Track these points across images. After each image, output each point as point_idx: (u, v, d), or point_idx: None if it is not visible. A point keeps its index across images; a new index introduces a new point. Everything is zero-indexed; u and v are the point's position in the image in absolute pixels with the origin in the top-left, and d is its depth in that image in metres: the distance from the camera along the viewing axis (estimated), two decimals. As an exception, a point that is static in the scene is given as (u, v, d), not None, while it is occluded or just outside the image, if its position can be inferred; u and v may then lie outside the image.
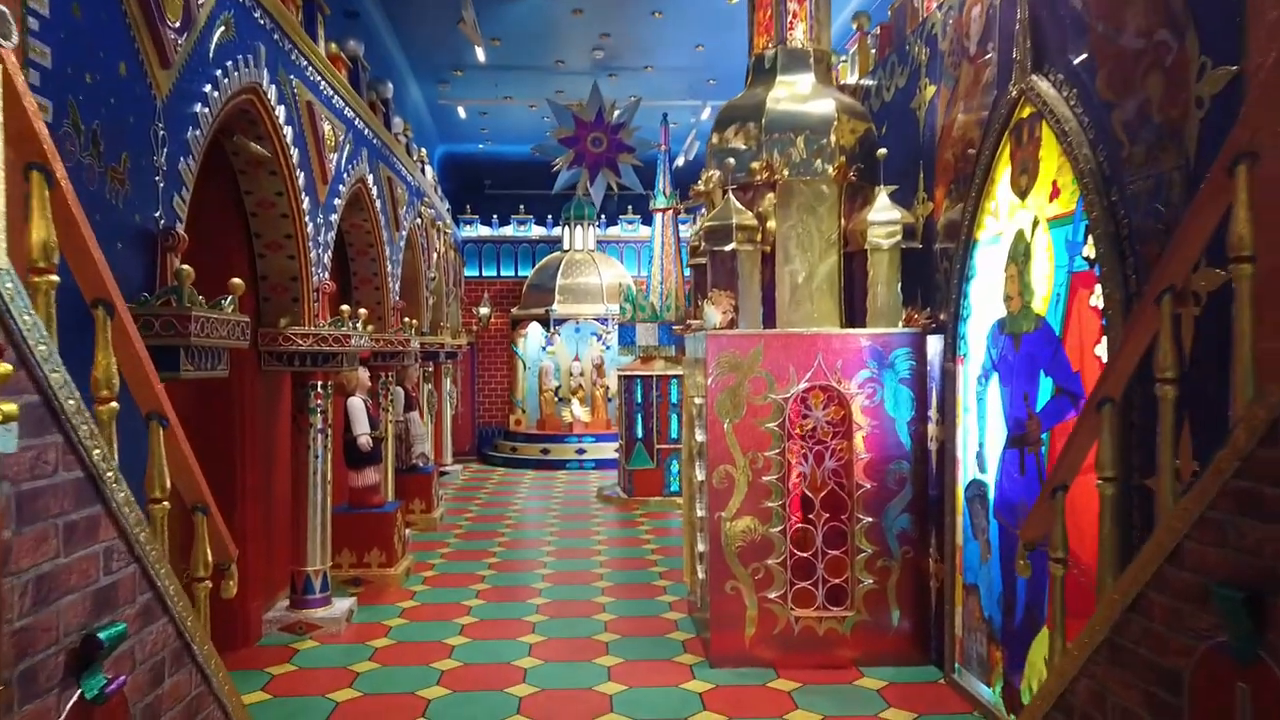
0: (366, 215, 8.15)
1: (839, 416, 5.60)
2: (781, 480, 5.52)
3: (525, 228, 17.13)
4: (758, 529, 5.52)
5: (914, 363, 5.55)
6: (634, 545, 9.10)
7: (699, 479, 5.86)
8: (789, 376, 5.54)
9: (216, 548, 2.90)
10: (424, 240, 11.01)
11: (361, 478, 7.65)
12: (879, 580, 5.53)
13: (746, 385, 5.53)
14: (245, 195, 5.86)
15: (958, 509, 5.17)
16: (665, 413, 11.57)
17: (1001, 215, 4.68)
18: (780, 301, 5.75)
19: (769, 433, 5.52)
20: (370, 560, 7.52)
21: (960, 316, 5.15)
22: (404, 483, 9.85)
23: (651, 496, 11.41)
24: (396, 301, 9.02)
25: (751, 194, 5.85)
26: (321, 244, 6.50)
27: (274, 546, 6.56)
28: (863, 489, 5.52)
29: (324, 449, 6.41)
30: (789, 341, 5.54)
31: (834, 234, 5.79)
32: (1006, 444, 4.58)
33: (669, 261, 11.98)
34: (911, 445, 5.54)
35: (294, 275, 6.17)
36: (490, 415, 16.84)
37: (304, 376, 6.35)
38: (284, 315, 6.21)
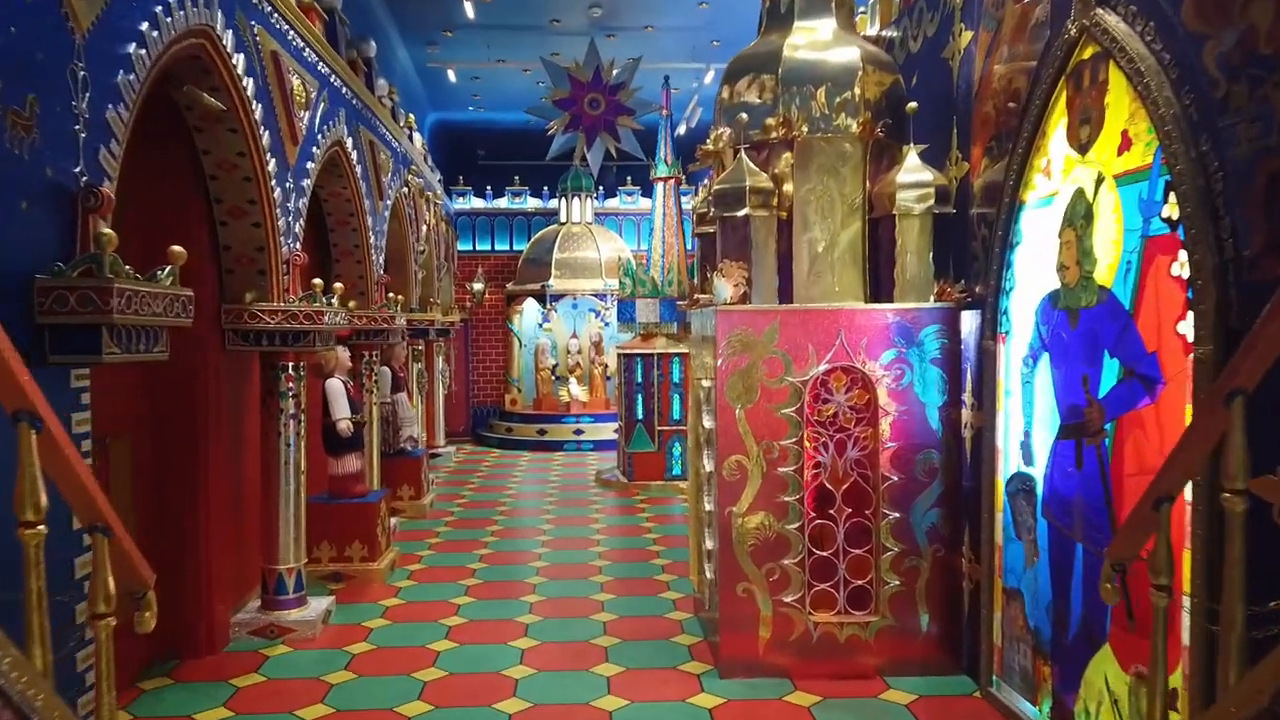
0: (346, 183, 7.55)
1: (863, 401, 5.05)
2: (799, 472, 4.98)
3: (520, 200, 16.51)
4: (773, 526, 4.99)
5: (946, 341, 4.99)
6: (634, 534, 8.58)
7: (707, 469, 5.32)
8: (808, 357, 4.98)
9: (126, 573, 2.35)
10: (411, 211, 10.42)
11: (342, 465, 7.11)
12: (906, 581, 5.00)
13: (760, 367, 4.97)
14: (203, 155, 5.27)
15: (997, 505, 4.63)
16: (667, 393, 11.02)
17: (1055, 173, 4.11)
18: (798, 273, 5.18)
19: (785, 419, 4.98)
20: (351, 554, 7.00)
21: (1002, 289, 4.59)
22: (391, 468, 9.32)
23: (652, 481, 10.89)
24: (380, 276, 8.44)
25: (766, 154, 5.26)
26: (292, 211, 5.92)
27: (244, 543, 6.03)
28: (889, 481, 4.99)
29: (296, 436, 5.86)
30: (807, 318, 4.98)
31: (858, 198, 5.21)
32: (1059, 434, 4.04)
33: (671, 234, 11.39)
34: (943, 433, 5.00)
35: (260, 245, 5.59)
36: (485, 395, 16.30)
37: (273, 357, 5.79)
38: (250, 290, 5.64)
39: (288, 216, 5.83)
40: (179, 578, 5.38)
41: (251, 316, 5.60)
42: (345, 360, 7.17)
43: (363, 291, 8.18)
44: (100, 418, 4.76)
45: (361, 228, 7.94)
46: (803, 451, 4.98)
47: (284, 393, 5.79)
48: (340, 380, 7.09)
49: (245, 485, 6.03)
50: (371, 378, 8.31)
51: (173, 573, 5.37)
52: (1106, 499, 3.68)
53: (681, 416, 10.99)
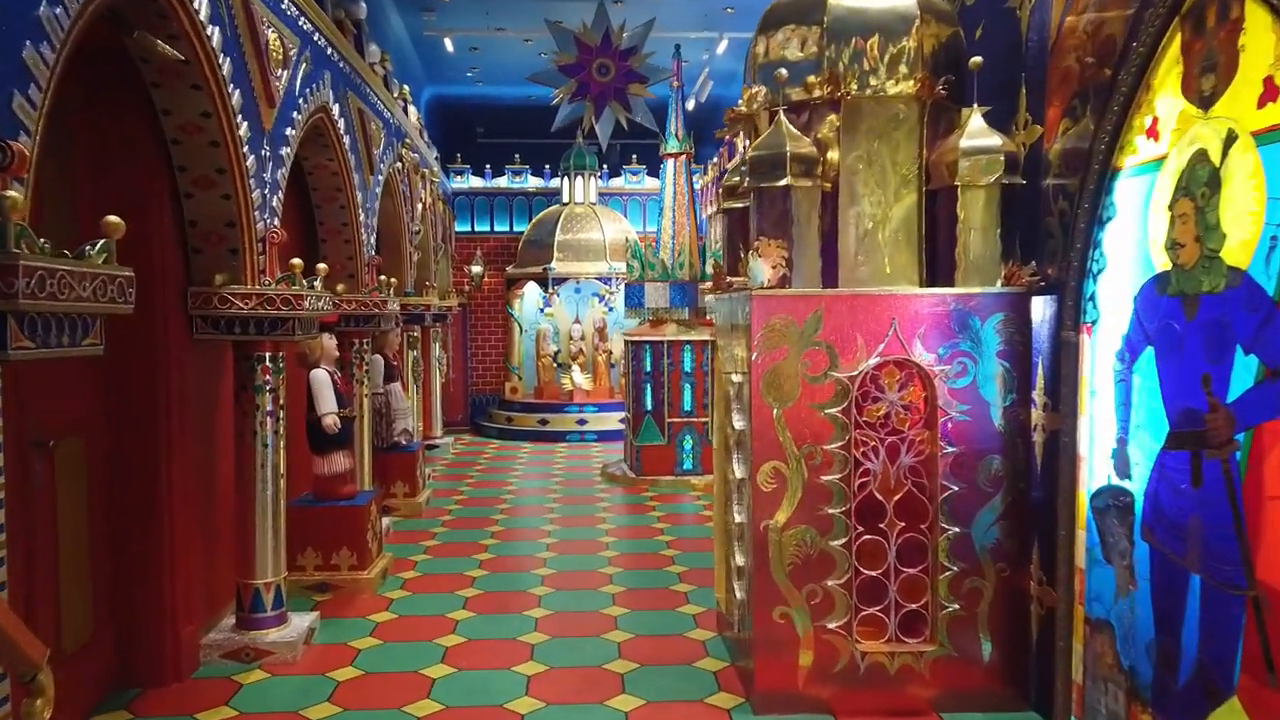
0: (333, 154, 6.88)
1: (918, 399, 4.42)
2: (845, 481, 4.36)
3: (521, 179, 15.81)
4: (815, 542, 4.37)
5: (1015, 331, 4.36)
6: (646, 536, 7.97)
7: (737, 476, 4.69)
8: (855, 349, 4.35)
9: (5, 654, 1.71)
10: (405, 188, 9.74)
11: (328, 464, 6.47)
12: (967, 605, 4.39)
13: (802, 360, 4.34)
14: (162, 116, 4.61)
15: (1079, 521, 4.01)
16: (677, 383, 10.39)
17: (1164, 133, 3.46)
18: (844, 253, 4.54)
19: (830, 420, 4.35)
20: (339, 562, 6.38)
21: (1088, 271, 3.95)
22: (384, 463, 8.69)
23: (662, 476, 10.27)
24: (371, 257, 7.78)
25: (807, 116, 4.61)
26: (269, 183, 5.26)
27: (217, 554, 5.41)
28: (948, 491, 4.36)
29: (275, 435, 5.22)
30: (856, 304, 4.35)
31: (913, 167, 4.56)
32: (1169, 443, 3.40)
33: (681, 214, 10.73)
34: (1010, 436, 4.37)
35: (231, 221, 4.94)
36: (484, 383, 15.66)
37: (248, 347, 5.14)
38: (220, 271, 5.00)
39: (264, 188, 5.17)
40: (139, 595, 4.77)
41: (222, 301, 4.96)
42: (332, 349, 6.53)
43: (352, 274, 7.52)
44: (44, 418, 4.15)
45: (350, 204, 7.28)
46: (849, 457, 4.35)
47: (260, 387, 5.15)
48: (326, 371, 6.45)
49: (218, 491, 5.41)
50: (362, 367, 7.66)
51: (132, 589, 4.77)
52: (1237, 524, 3.06)
53: (693, 408, 10.37)
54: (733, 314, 4.81)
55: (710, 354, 10.33)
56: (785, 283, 4.40)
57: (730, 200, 5.27)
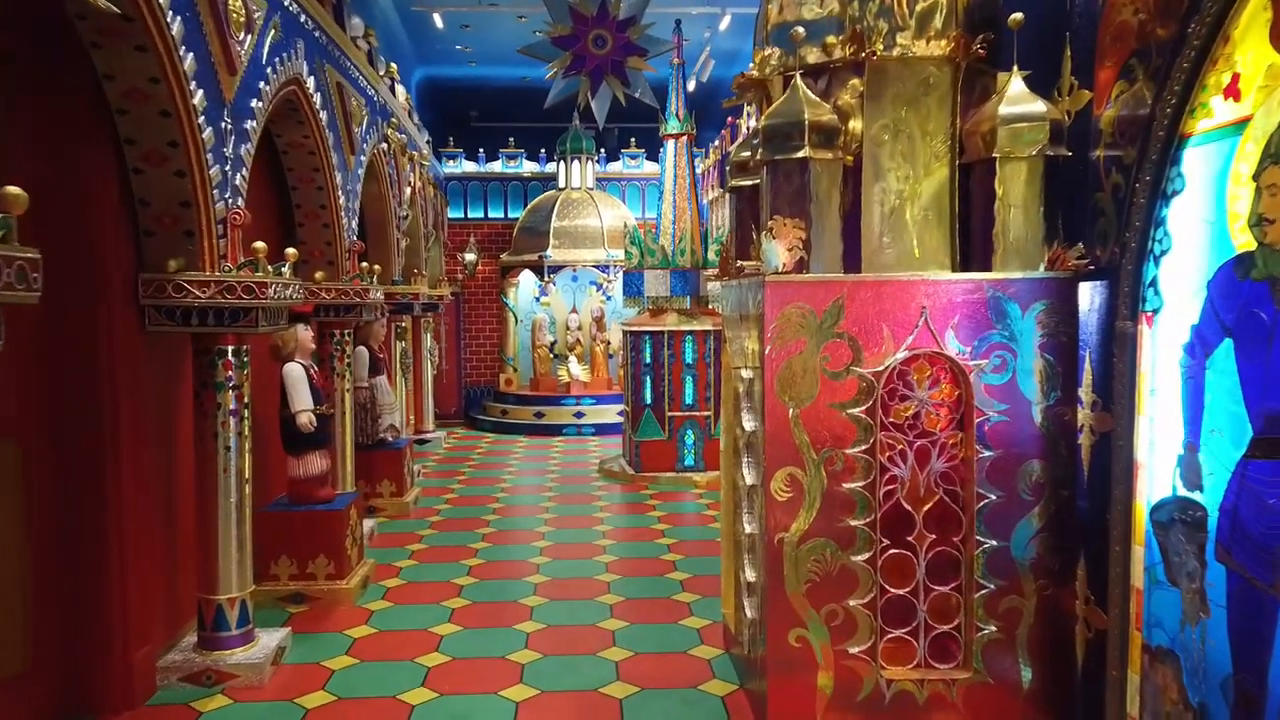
0: (308, 130, 6.39)
1: (952, 398, 3.96)
2: (869, 489, 3.90)
3: (516, 163, 15.30)
4: (835, 557, 3.91)
5: (1060, 321, 3.89)
6: (646, 539, 7.51)
7: (747, 482, 4.23)
8: (881, 341, 3.88)
9: None
10: (392, 171, 9.25)
11: (303, 465, 6.01)
12: (1004, 627, 3.94)
13: (821, 354, 3.87)
14: (105, 81, 4.12)
15: (1136, 536, 3.54)
16: (678, 375, 9.92)
17: (1249, 92, 2.98)
18: (868, 234, 4.06)
19: (852, 421, 3.88)
20: (315, 571, 5.93)
21: (1148, 253, 3.47)
22: (369, 461, 8.23)
23: (662, 472, 9.82)
24: (352, 242, 7.30)
25: (827, 81, 4.12)
26: (231, 159, 4.78)
27: (178, 567, 4.95)
28: (985, 500, 3.90)
29: (239, 437, 4.76)
30: (881, 291, 3.88)
31: (945, 137, 4.08)
32: (1253, 450, 2.94)
33: (682, 198, 10.23)
34: (1053, 439, 3.91)
35: (186, 200, 4.46)
36: (478, 374, 15.18)
37: (208, 340, 4.67)
38: (174, 256, 4.52)
39: (224, 165, 4.69)
40: (86, 615, 4.31)
41: (177, 289, 4.49)
42: (307, 341, 6.06)
43: (332, 260, 7.05)
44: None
45: (329, 185, 6.79)
46: (874, 463, 3.89)
47: (222, 384, 4.68)
48: (301, 365, 5.98)
49: (178, 498, 4.95)
50: (343, 360, 7.19)
51: (78, 609, 4.31)
52: (1343, 549, 2.60)
53: (695, 402, 9.91)
54: (742, 302, 4.34)
55: (714, 345, 9.86)
56: (802, 267, 3.93)
57: (739, 177, 4.80)
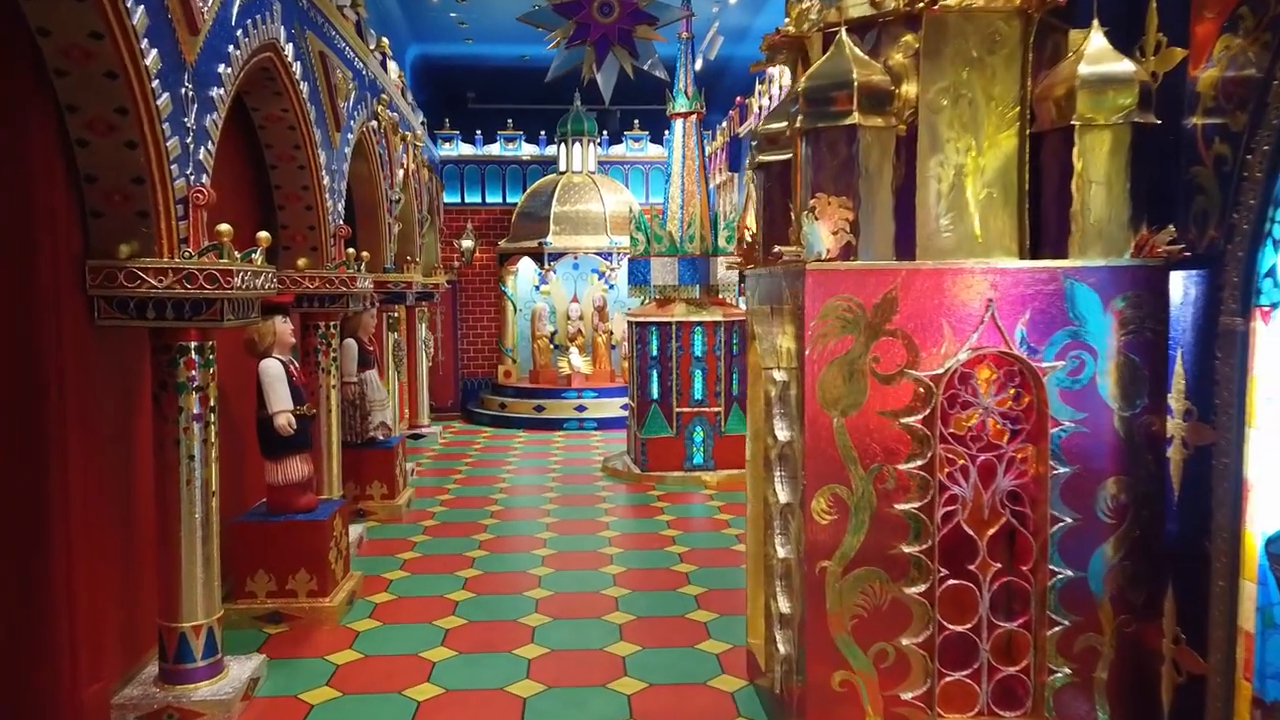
0: (287, 103, 5.83)
1: (1022, 405, 3.42)
2: (926, 510, 3.37)
3: (514, 146, 14.70)
4: (885, 588, 3.39)
5: (1148, 316, 3.35)
6: (656, 546, 6.99)
7: (781, 501, 3.70)
8: (941, 339, 3.35)
9: None
10: (383, 150, 8.68)
11: (282, 471, 5.46)
12: (1079, 669, 3.42)
13: (871, 354, 3.34)
14: (39, 38, 3.56)
15: (1245, 570, 3.02)
16: (687, 369, 9.38)
17: None
18: (924, 214, 3.52)
19: (907, 432, 3.35)
20: (295, 587, 5.40)
21: (1264, 236, 2.94)
22: (359, 461, 7.70)
23: (670, 472, 9.28)
24: (338, 226, 6.75)
25: (876, 37, 3.57)
26: (192, 130, 4.22)
27: (139, 590, 4.42)
28: (1059, 524, 3.38)
29: (205, 444, 4.21)
30: (941, 280, 3.34)
31: (1013, 102, 3.52)
32: None
33: (691, 180, 9.67)
34: (1139, 452, 3.38)
35: (138, 176, 3.91)
36: (476, 366, 14.63)
37: (167, 335, 4.12)
38: (127, 240, 3.97)
39: (184, 136, 4.13)
40: (28, 646, 3.78)
41: (130, 278, 3.95)
42: (286, 335, 5.50)
43: (315, 246, 6.49)
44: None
45: (311, 164, 6.23)
46: (932, 480, 3.36)
47: (183, 385, 4.14)
48: (279, 361, 5.43)
49: (136, 513, 4.41)
50: (329, 354, 6.65)
51: (19, 639, 3.78)
52: None
53: (705, 397, 9.37)
54: (774, 294, 3.80)
55: (725, 337, 9.32)
56: (849, 253, 3.39)
57: (768, 151, 4.24)
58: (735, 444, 9.32)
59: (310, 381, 6.48)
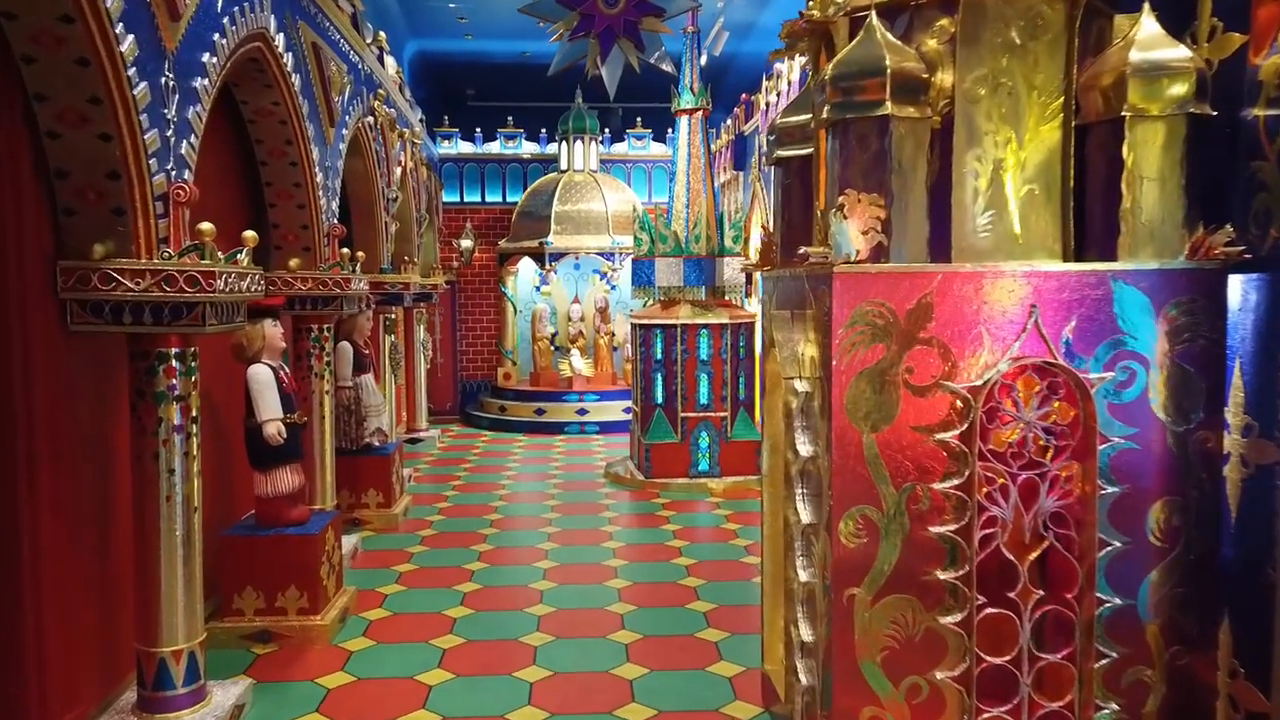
0: (278, 96, 5.57)
1: (1066, 419, 3.16)
2: (963, 533, 3.11)
3: (515, 144, 14.45)
4: (919, 618, 3.13)
5: (1204, 323, 3.09)
6: (662, 558, 6.73)
7: (803, 521, 3.44)
8: (979, 348, 3.09)
9: None
10: (379, 147, 8.42)
11: (271, 482, 5.21)
12: (1128, 704, 3.15)
13: (905, 364, 3.08)
14: (5, 21, 3.30)
15: (1317, 601, 2.76)
16: (692, 372, 9.12)
17: None
18: (960, 213, 3.25)
19: (943, 449, 3.09)
20: (285, 604, 5.14)
21: (1341, 238, 2.68)
22: (354, 468, 7.45)
23: (674, 478, 9.03)
24: (332, 225, 6.49)
25: (908, 22, 3.30)
26: (173, 122, 3.96)
27: (117, 611, 4.16)
28: (1107, 548, 3.11)
29: (185, 457, 3.96)
30: (980, 284, 3.08)
31: (1057, 92, 3.26)
32: None
33: (697, 179, 9.41)
34: (1193, 471, 3.12)
35: (113, 171, 3.65)
36: (475, 368, 14.37)
37: (145, 342, 3.87)
38: (102, 240, 3.72)
39: (164, 129, 3.87)
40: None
41: (106, 280, 3.69)
42: (276, 339, 5.25)
43: (308, 246, 6.24)
44: None
45: (304, 160, 5.97)
46: (970, 501, 3.10)
47: (163, 394, 3.88)
48: (268, 366, 5.18)
49: (114, 530, 4.15)
50: (322, 358, 6.39)
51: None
52: None
53: (710, 401, 9.11)
54: (796, 297, 3.54)
55: (731, 340, 9.07)
56: (880, 254, 3.13)
57: (786, 146, 3.98)
58: (742, 450, 9.08)
59: (303, 387, 6.22)
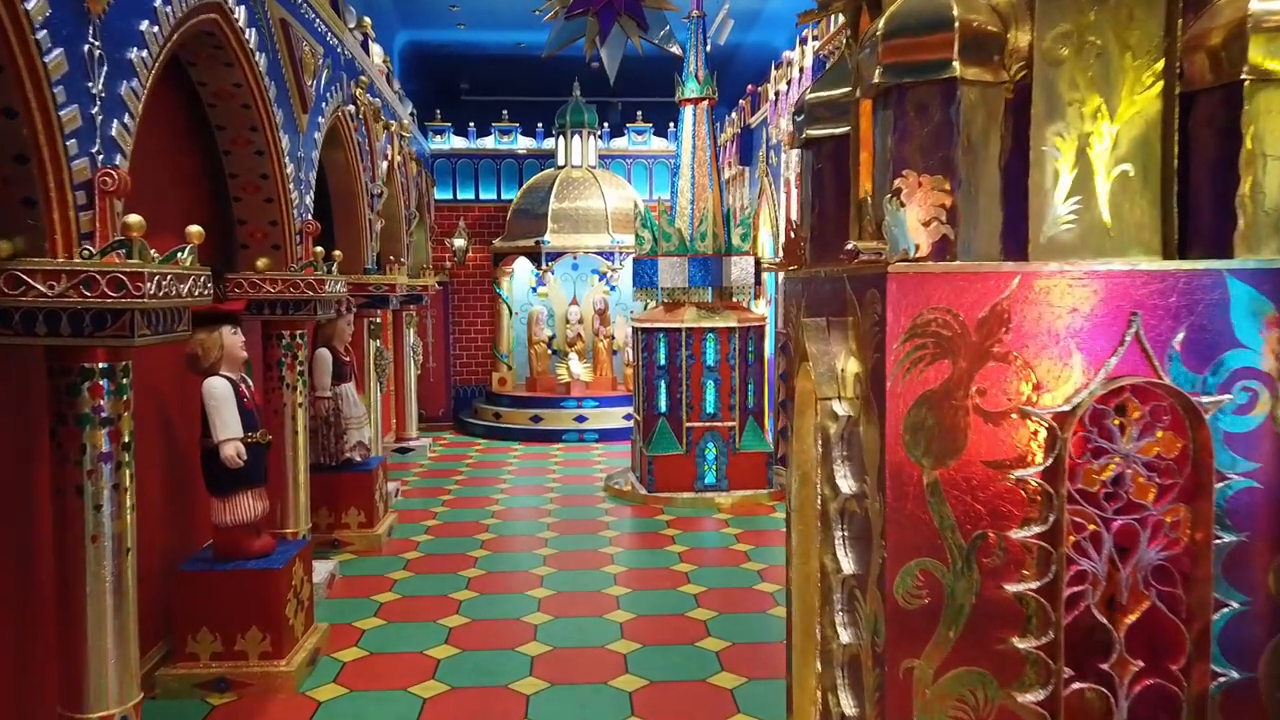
0: (239, 76, 4.99)
1: (1174, 452, 2.58)
2: (1047, 593, 2.53)
3: (510, 139, 13.86)
4: (993, 695, 2.54)
5: (1343, 335, 2.52)
6: (668, 585, 6.15)
7: (845, 570, 2.86)
8: (1067, 365, 2.51)
9: None
10: (362, 139, 7.84)
11: (230, 509, 4.63)
12: (1247, 800, 2.58)
13: (975, 385, 2.50)
14: (-126, -30, 2.73)
15: None
16: (698, 379, 8.54)
17: None
18: (1038, 200, 2.67)
19: (1021, 489, 2.51)
20: (246, 647, 4.56)
21: None
22: (333, 486, 6.88)
23: (679, 493, 8.45)
24: (305, 221, 5.91)
25: (974, -33, 2.73)
26: (100, 98, 3.38)
27: (35, 672, 3.58)
28: (1223, 609, 2.54)
29: (115, 490, 3.38)
30: (1068, 287, 2.50)
31: (1156, 53, 2.68)
32: None
33: (702, 173, 8.83)
34: (1328, 514, 2.55)
35: (20, 153, 3.07)
36: (469, 373, 13.79)
37: (66, 356, 3.29)
38: (7, 236, 3.14)
39: (87, 105, 3.29)
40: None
41: (14, 283, 3.11)
42: (236, 348, 4.66)
43: (277, 244, 5.65)
44: None
45: (271, 149, 5.39)
46: (1054, 553, 2.52)
47: (87, 417, 3.30)
48: (227, 379, 4.60)
49: (33, 578, 3.57)
50: (294, 368, 5.80)
51: None
52: None
53: (717, 411, 8.54)
54: (833, 302, 2.96)
55: (739, 344, 8.49)
56: (945, 250, 2.55)
57: (818, 125, 3.40)
58: (750, 462, 8.52)
59: (273, 400, 5.66)
